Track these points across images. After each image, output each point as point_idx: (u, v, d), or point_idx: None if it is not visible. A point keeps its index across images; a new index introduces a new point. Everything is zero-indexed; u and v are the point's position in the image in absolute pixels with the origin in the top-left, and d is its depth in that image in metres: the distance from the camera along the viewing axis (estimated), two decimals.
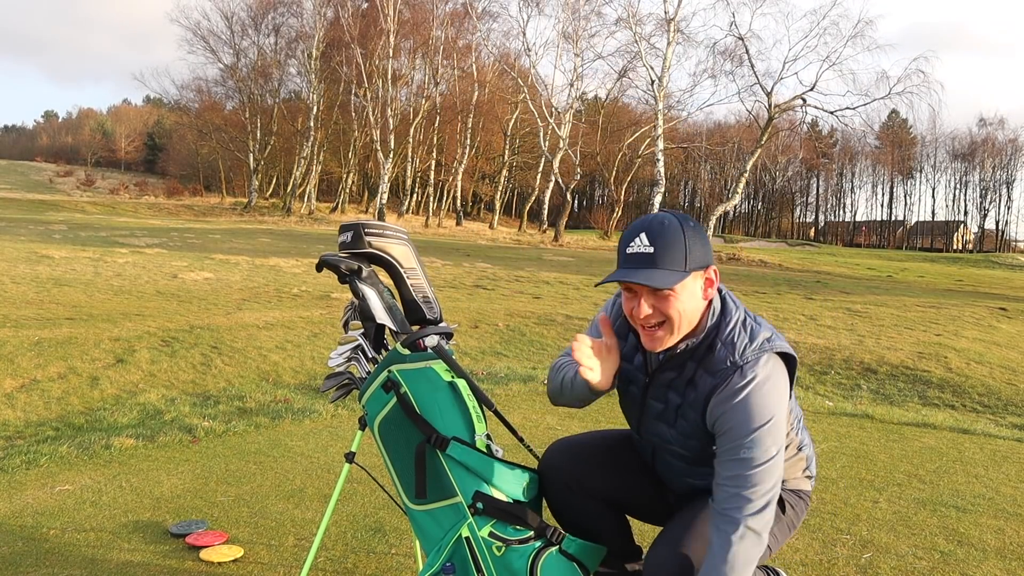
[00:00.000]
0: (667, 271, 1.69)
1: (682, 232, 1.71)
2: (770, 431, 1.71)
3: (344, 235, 2.25)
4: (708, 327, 1.78)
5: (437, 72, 39.96)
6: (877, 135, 53.20)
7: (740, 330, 1.77)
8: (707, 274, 1.76)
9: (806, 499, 2.04)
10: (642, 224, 1.74)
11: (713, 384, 1.75)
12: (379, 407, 2.08)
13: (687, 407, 1.82)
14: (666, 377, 1.84)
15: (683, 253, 1.70)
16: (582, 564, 1.95)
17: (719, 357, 1.75)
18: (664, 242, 1.69)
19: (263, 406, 5.82)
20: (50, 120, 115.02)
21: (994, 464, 4.30)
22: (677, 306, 1.72)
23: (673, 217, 1.75)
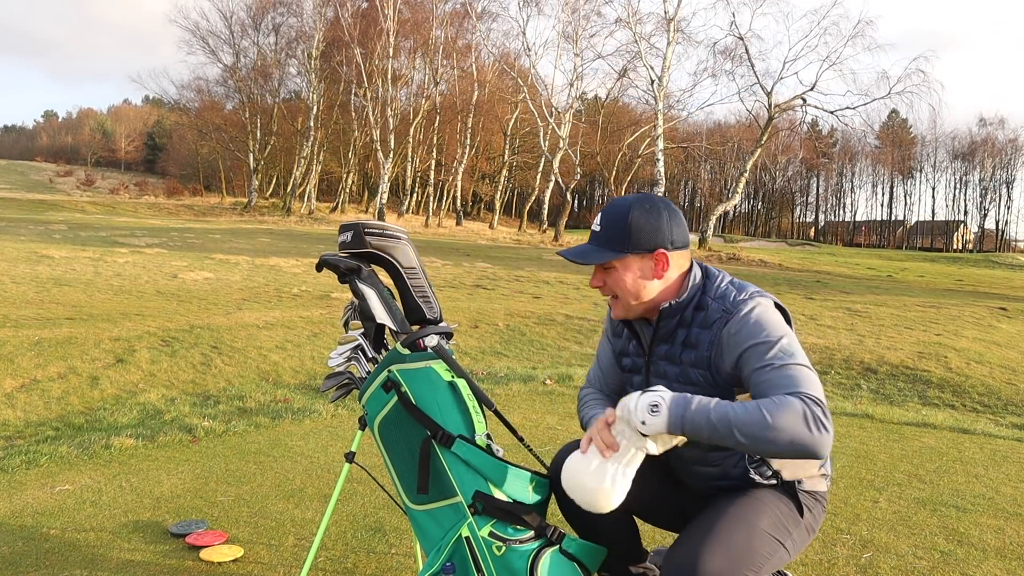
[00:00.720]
0: (602, 250, 1.85)
1: (627, 215, 1.83)
2: (792, 342, 1.72)
3: (344, 235, 2.25)
4: (691, 288, 1.86)
5: (437, 72, 39.95)
6: (877, 135, 53.24)
7: (728, 286, 1.85)
8: (655, 256, 1.85)
9: (823, 502, 1.97)
10: (604, 207, 1.91)
11: (712, 336, 1.80)
12: (379, 407, 2.08)
13: (688, 370, 1.84)
14: (660, 351, 1.91)
15: (624, 235, 1.83)
16: (582, 564, 1.94)
17: (712, 311, 1.82)
18: (608, 224, 1.86)
19: (263, 406, 5.82)
20: (50, 120, 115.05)
21: (994, 464, 4.31)
22: (619, 282, 1.86)
23: (630, 200, 1.87)
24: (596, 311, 11.99)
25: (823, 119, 45.68)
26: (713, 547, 1.70)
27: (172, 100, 54.62)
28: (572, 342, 9.93)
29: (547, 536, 1.94)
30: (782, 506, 1.86)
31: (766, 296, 1.84)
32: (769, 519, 1.81)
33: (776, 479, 1.89)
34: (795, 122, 40.08)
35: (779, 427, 1.56)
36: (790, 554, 1.83)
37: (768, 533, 1.78)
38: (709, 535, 1.73)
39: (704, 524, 1.79)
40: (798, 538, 1.87)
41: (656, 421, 1.63)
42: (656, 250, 1.84)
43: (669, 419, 1.62)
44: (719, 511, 1.81)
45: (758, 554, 1.73)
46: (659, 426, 1.63)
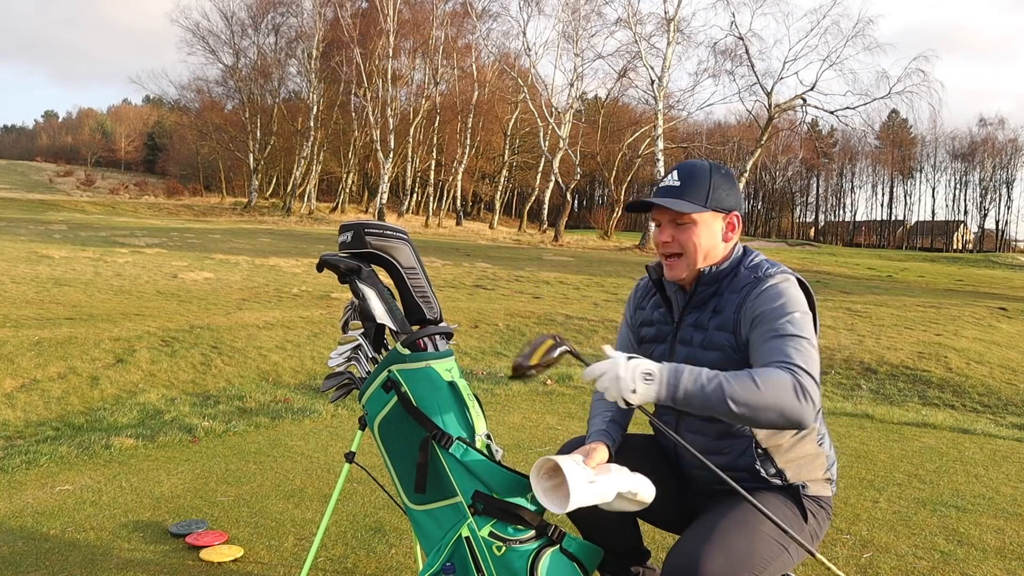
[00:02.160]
0: (687, 202, 1.86)
1: (709, 174, 1.88)
2: (804, 318, 1.76)
3: (344, 235, 2.25)
4: (733, 259, 1.92)
5: (437, 72, 39.93)
6: (877, 135, 53.18)
7: (763, 261, 1.91)
8: (729, 218, 1.92)
9: (827, 508, 1.95)
10: (677, 165, 1.93)
11: (739, 299, 1.84)
12: (379, 407, 2.08)
13: (714, 333, 1.87)
14: (691, 318, 1.94)
15: (706, 191, 1.87)
16: (582, 564, 1.95)
17: (742, 276, 1.88)
18: (691, 178, 1.88)
19: (263, 406, 5.82)
20: (50, 120, 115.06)
21: (994, 464, 4.30)
22: (694, 238, 1.88)
23: (705, 162, 1.93)
24: (596, 311, 11.99)
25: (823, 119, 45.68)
26: (714, 548, 1.69)
27: (172, 100, 54.72)
28: (572, 342, 9.93)
29: (547, 536, 1.94)
30: (786, 510, 1.85)
31: (795, 275, 1.88)
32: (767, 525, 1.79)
33: (780, 478, 1.88)
34: (795, 122, 40.06)
35: (768, 396, 1.60)
36: (793, 559, 1.82)
37: (771, 537, 1.76)
38: (710, 536, 1.72)
39: (706, 525, 1.78)
40: (804, 538, 1.85)
41: (648, 389, 1.62)
42: (731, 211, 1.90)
43: (662, 387, 1.62)
44: (721, 513, 1.80)
45: (759, 557, 1.72)
46: (650, 394, 1.63)
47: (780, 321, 1.74)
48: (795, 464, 1.88)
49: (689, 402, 1.63)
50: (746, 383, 1.61)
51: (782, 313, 1.75)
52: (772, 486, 1.89)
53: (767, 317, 1.76)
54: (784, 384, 1.62)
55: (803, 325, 1.74)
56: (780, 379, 1.63)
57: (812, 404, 1.63)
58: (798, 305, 1.78)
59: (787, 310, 1.76)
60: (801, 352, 1.69)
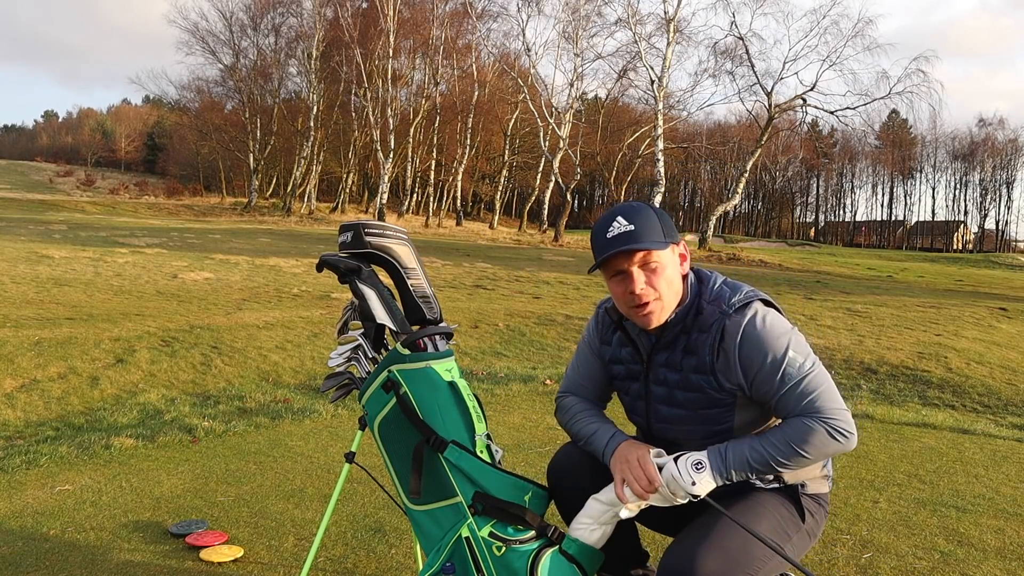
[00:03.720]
0: (656, 242, 1.80)
1: (652, 211, 1.83)
2: (797, 345, 1.77)
3: (344, 235, 2.25)
4: (691, 296, 1.86)
5: (437, 72, 39.92)
6: (877, 135, 53.20)
7: (722, 287, 1.86)
8: (680, 248, 1.87)
9: (825, 505, 1.97)
10: (613, 211, 1.85)
11: (711, 339, 1.80)
12: (379, 407, 2.08)
13: (689, 375, 1.84)
14: (660, 358, 1.89)
15: (659, 228, 1.81)
16: (581, 565, 1.94)
17: (708, 314, 1.82)
18: (641, 220, 1.80)
19: (263, 406, 5.82)
20: (50, 120, 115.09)
21: (994, 464, 4.30)
22: (664, 277, 1.82)
23: (638, 203, 1.87)
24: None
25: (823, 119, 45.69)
26: (709, 548, 1.70)
27: (172, 101, 54.70)
28: (572, 342, 9.92)
29: (547, 537, 1.94)
30: (783, 510, 1.85)
31: (758, 295, 1.84)
32: (768, 523, 1.80)
33: (778, 481, 1.88)
34: (795, 122, 40.07)
35: (812, 453, 1.73)
36: (794, 556, 1.83)
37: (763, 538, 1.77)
38: (706, 537, 1.74)
39: (702, 526, 1.79)
40: (798, 542, 1.86)
41: (704, 477, 1.76)
42: (680, 242, 1.87)
43: (714, 472, 1.76)
44: (717, 515, 1.80)
45: (754, 557, 1.73)
46: (708, 481, 1.76)
47: (782, 370, 1.74)
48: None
49: (741, 476, 1.78)
50: (788, 451, 1.74)
51: (777, 359, 1.74)
52: (770, 487, 1.89)
53: (765, 370, 1.75)
54: (820, 437, 1.72)
55: (802, 357, 1.75)
56: (815, 436, 1.72)
57: (851, 435, 1.74)
58: (783, 336, 1.76)
59: (780, 353, 1.74)
60: (819, 393, 1.74)
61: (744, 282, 1.88)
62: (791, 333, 1.78)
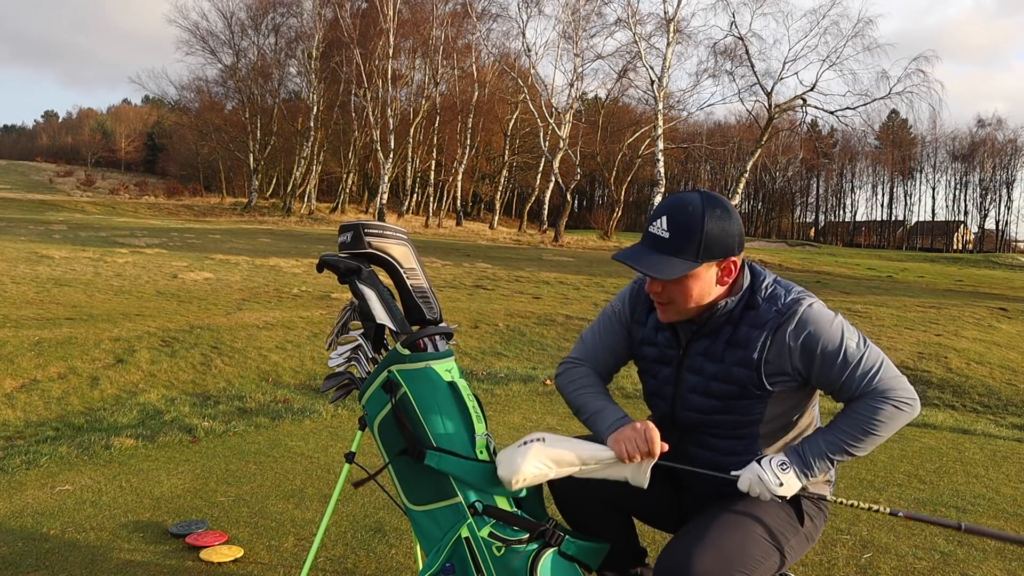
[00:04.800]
0: (676, 260, 1.74)
1: (702, 222, 1.73)
2: (846, 328, 1.78)
3: (344, 235, 2.25)
4: (743, 291, 1.82)
5: (437, 72, 39.91)
6: (877, 135, 53.18)
7: (776, 286, 1.84)
8: (725, 264, 1.79)
9: (825, 509, 1.97)
10: (668, 205, 1.78)
11: (764, 336, 1.78)
12: (379, 407, 2.08)
13: (731, 368, 1.82)
14: (700, 346, 1.86)
15: (697, 244, 1.73)
16: (582, 565, 1.95)
17: (763, 311, 1.80)
18: (681, 230, 1.73)
19: (263, 406, 5.82)
20: (50, 120, 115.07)
21: (994, 464, 4.30)
22: (684, 292, 1.78)
23: (700, 203, 1.75)
24: (596, 311, 11.99)
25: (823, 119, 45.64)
26: (704, 548, 1.71)
27: (172, 101, 54.70)
28: (572, 342, 9.92)
29: (547, 537, 1.94)
30: (782, 513, 1.85)
31: (807, 293, 1.84)
32: (766, 525, 1.80)
33: None
34: (795, 122, 40.10)
35: (884, 432, 1.78)
36: (787, 561, 1.83)
37: (763, 538, 1.78)
38: (702, 536, 1.74)
39: (699, 526, 1.79)
40: (796, 545, 1.86)
41: (790, 477, 1.78)
42: (727, 258, 1.78)
43: (797, 470, 1.79)
44: (715, 515, 1.81)
45: (750, 557, 1.73)
46: (794, 480, 1.77)
47: (841, 354, 1.76)
48: None
49: (823, 469, 1.81)
50: (862, 434, 1.77)
51: (836, 345, 1.76)
52: None
53: (828, 358, 1.76)
54: (888, 414, 1.75)
55: (855, 339, 1.77)
56: (884, 414, 1.75)
57: (914, 402, 1.78)
58: (836, 323, 1.78)
59: (837, 340, 1.76)
60: (878, 370, 1.76)
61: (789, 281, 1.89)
62: (840, 319, 1.81)
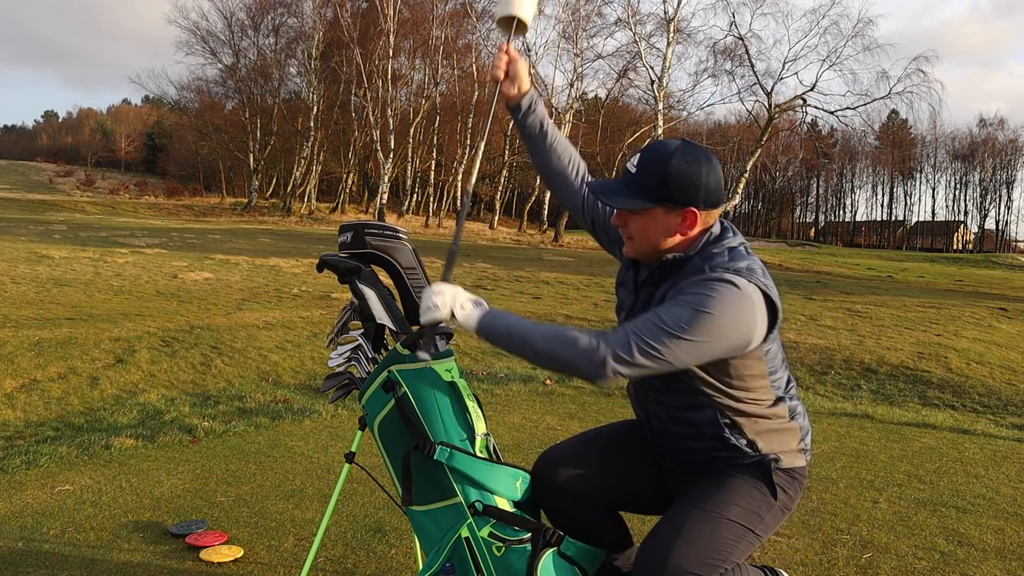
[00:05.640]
0: (634, 196, 1.78)
1: (667, 162, 1.74)
2: (707, 321, 1.65)
3: (344, 235, 2.25)
4: (701, 248, 1.80)
5: (437, 72, 39.92)
6: (877, 135, 53.18)
7: (726, 252, 1.78)
8: (685, 212, 1.77)
9: (800, 480, 1.94)
10: (649, 146, 1.82)
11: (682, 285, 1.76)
12: (379, 407, 2.08)
13: None
14: (647, 292, 1.89)
15: (658, 185, 1.76)
16: (581, 566, 1.95)
17: (693, 266, 1.78)
18: (646, 167, 1.77)
19: (263, 406, 5.82)
20: (50, 120, 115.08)
21: (994, 464, 4.31)
22: (642, 230, 1.81)
23: (675, 147, 1.76)
24: (596, 311, 11.98)
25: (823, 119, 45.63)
26: (679, 543, 1.75)
27: (172, 101, 54.73)
28: None
29: (546, 537, 1.94)
30: (754, 491, 1.87)
31: (753, 277, 1.72)
32: (738, 508, 1.83)
33: (752, 448, 1.88)
34: (795, 122, 40.09)
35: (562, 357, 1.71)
36: (761, 536, 1.87)
37: (735, 522, 1.82)
38: (676, 531, 1.79)
39: (673, 520, 1.84)
40: (770, 520, 1.88)
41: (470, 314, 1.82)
42: (687, 207, 1.76)
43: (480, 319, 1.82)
44: (685, 506, 1.85)
45: (723, 543, 1.78)
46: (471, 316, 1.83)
47: (672, 305, 1.70)
48: (766, 436, 1.89)
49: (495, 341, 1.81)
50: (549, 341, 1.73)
51: (684, 300, 1.68)
52: (746, 457, 1.88)
53: (671, 297, 1.73)
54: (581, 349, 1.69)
55: (691, 325, 1.65)
56: (580, 345, 1.69)
57: (606, 375, 1.68)
58: (713, 307, 1.65)
59: (690, 304, 1.67)
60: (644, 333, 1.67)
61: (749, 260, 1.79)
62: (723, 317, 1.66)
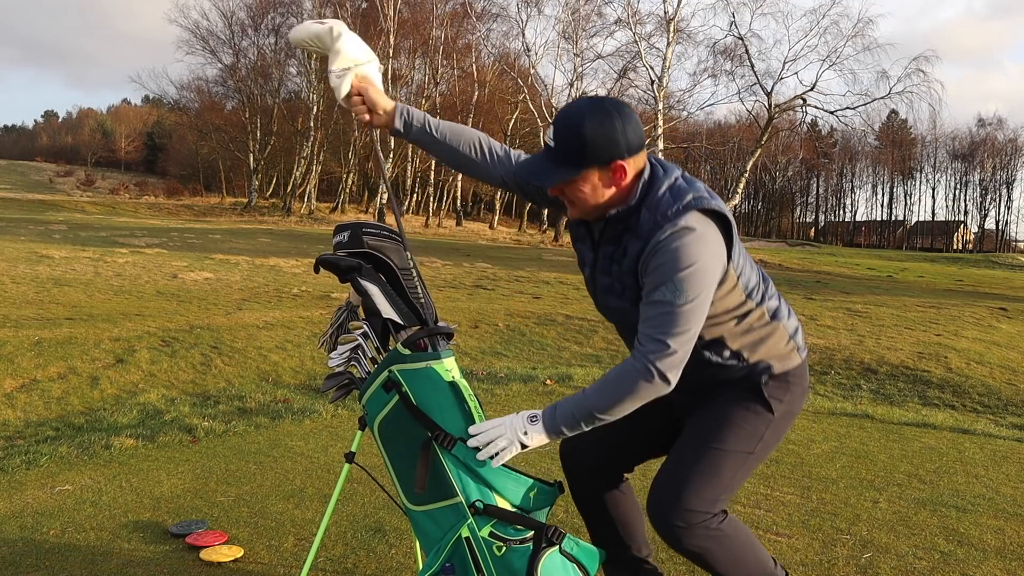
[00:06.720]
0: (559, 168, 1.79)
1: (581, 129, 1.75)
2: (692, 276, 1.72)
3: (340, 235, 2.24)
4: (639, 194, 1.82)
5: (437, 72, 39.93)
6: (877, 135, 53.15)
7: (667, 193, 1.80)
8: (611, 167, 1.79)
9: (798, 379, 1.97)
10: (558, 115, 1.82)
11: (640, 246, 1.79)
12: (379, 407, 2.08)
13: (623, 276, 1.85)
14: (607, 251, 1.90)
15: (579, 151, 1.76)
16: (582, 565, 1.95)
17: (644, 220, 1.80)
18: (563, 138, 1.77)
19: (263, 406, 5.82)
20: (50, 120, 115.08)
21: (994, 464, 4.30)
22: (577, 194, 1.82)
23: (584, 111, 1.77)
24: (596, 311, 11.97)
25: (823, 119, 45.63)
26: (682, 486, 1.86)
27: (172, 100, 54.73)
28: (572, 342, 9.93)
29: (547, 536, 1.94)
30: (748, 414, 1.91)
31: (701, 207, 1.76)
32: (734, 436, 1.89)
33: (738, 359, 1.91)
34: (795, 122, 40.05)
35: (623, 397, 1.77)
36: (764, 452, 1.94)
37: (734, 451, 1.89)
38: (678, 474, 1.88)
39: (673, 461, 1.92)
40: (773, 433, 1.94)
41: (536, 431, 1.87)
42: (612, 162, 1.78)
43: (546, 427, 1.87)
44: (685, 445, 1.93)
45: (726, 475, 1.88)
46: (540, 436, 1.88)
47: (665, 282, 1.73)
48: (749, 344, 1.90)
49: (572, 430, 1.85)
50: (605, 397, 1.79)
51: (668, 274, 1.73)
52: (735, 371, 1.91)
53: (655, 276, 1.75)
54: (631, 380, 1.75)
55: (686, 289, 1.72)
56: (627, 378, 1.76)
57: (664, 380, 1.75)
58: (690, 259, 1.72)
59: (675, 268, 1.72)
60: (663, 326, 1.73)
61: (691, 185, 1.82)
62: (701, 260, 1.73)
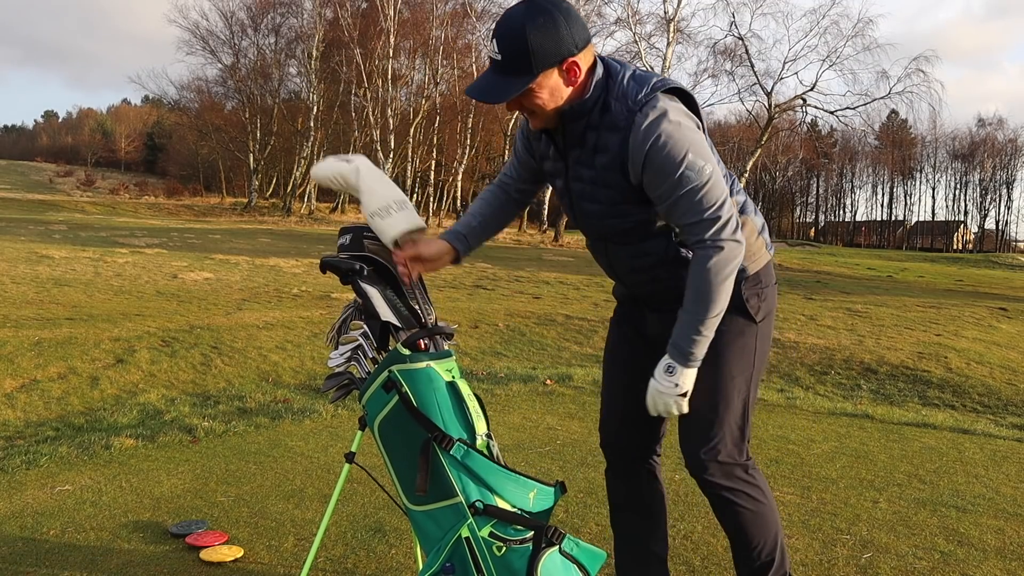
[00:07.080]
0: (511, 80, 1.73)
1: (525, 36, 1.69)
2: (694, 153, 1.73)
3: (343, 238, 2.26)
4: (595, 88, 1.79)
5: (437, 72, 39.92)
6: (877, 135, 53.17)
7: (630, 82, 1.79)
8: (565, 66, 1.76)
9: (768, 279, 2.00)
10: (497, 25, 1.76)
11: (621, 136, 1.77)
12: (379, 407, 2.08)
13: (603, 172, 1.83)
14: (574, 155, 1.88)
15: (527, 56, 1.70)
16: (582, 566, 1.95)
17: (616, 111, 1.78)
18: (509, 49, 1.72)
19: (263, 406, 5.82)
20: (50, 120, 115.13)
21: (994, 464, 4.31)
22: (531, 102, 1.78)
23: (522, 17, 1.71)
24: (596, 311, 11.99)
25: (823, 119, 45.69)
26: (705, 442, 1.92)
27: (172, 100, 54.71)
28: (572, 342, 9.93)
29: (548, 537, 1.94)
30: (734, 327, 1.93)
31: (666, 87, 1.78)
32: (730, 354, 1.92)
33: None
34: (795, 122, 40.08)
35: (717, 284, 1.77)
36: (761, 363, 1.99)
37: (732, 375, 1.94)
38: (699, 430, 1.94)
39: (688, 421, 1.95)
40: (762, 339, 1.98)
41: (682, 374, 1.85)
42: (564, 61, 1.75)
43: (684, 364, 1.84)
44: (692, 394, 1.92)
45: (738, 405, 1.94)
46: (689, 374, 1.86)
47: (675, 175, 1.73)
48: None
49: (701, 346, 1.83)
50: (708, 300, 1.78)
51: (674, 164, 1.72)
52: None
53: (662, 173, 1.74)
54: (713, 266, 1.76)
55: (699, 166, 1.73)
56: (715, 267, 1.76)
57: (735, 242, 1.77)
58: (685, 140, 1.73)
59: (678, 158, 1.72)
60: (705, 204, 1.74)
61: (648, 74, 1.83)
62: (690, 135, 1.75)
